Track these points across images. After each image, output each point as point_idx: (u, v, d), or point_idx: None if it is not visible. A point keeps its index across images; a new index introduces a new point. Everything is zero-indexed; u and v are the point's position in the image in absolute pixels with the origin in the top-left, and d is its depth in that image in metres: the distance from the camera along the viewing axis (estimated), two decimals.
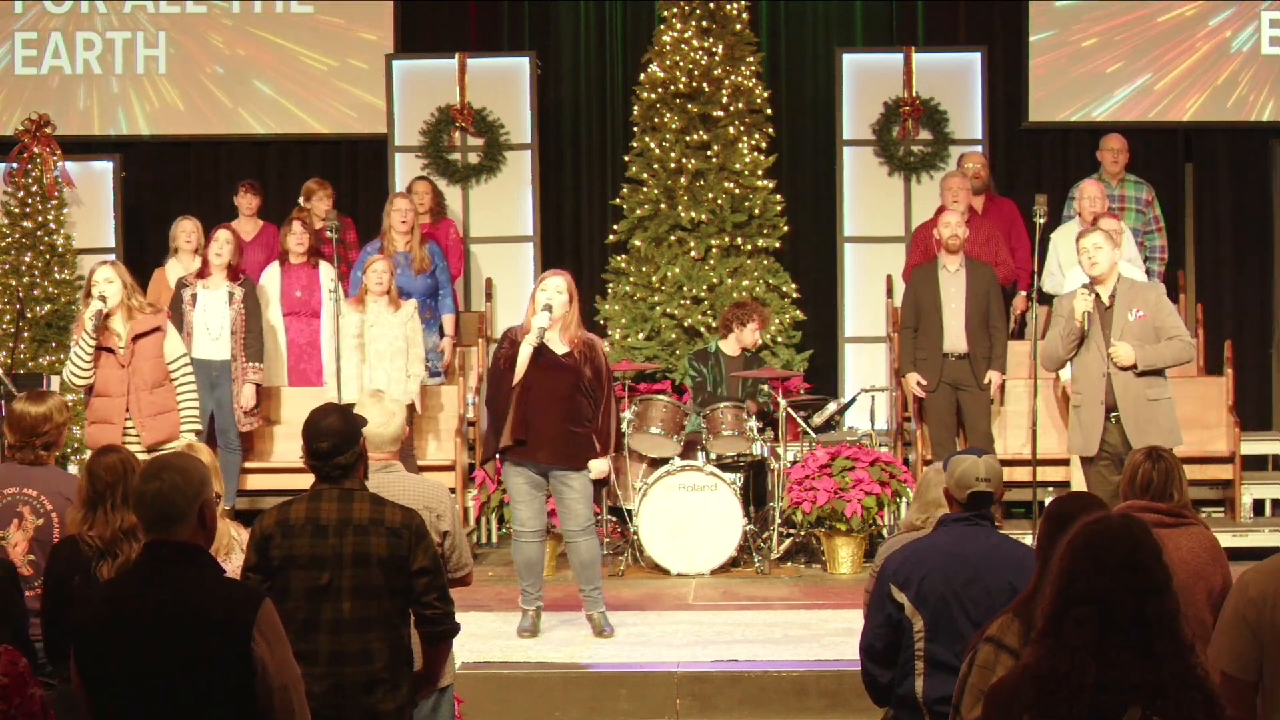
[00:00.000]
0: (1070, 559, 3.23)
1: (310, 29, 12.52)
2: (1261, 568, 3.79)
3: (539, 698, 7.16)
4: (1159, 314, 7.92)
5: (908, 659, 4.56)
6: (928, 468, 5.94)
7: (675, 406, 9.81)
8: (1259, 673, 3.68)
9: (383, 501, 4.67)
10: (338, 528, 4.57)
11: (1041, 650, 3.20)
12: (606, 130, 12.66)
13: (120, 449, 5.18)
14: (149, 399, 7.90)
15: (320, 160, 12.61)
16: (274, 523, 4.62)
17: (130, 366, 7.88)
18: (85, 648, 3.69)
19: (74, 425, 11.06)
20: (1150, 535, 3.25)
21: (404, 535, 4.59)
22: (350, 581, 4.54)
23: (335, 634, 4.51)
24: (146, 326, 7.95)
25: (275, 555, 4.58)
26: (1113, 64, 12.19)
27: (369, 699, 4.52)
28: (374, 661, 4.53)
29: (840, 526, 9.41)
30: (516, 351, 7.64)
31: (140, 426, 7.86)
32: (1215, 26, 12.14)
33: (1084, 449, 8.00)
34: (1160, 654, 3.14)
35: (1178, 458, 5.30)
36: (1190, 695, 3.13)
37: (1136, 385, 7.86)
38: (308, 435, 4.69)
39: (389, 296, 9.66)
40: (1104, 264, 7.90)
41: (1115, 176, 11.02)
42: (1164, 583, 3.20)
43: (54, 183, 11.56)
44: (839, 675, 7.02)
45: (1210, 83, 12.15)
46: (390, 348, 9.62)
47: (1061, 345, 7.96)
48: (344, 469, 4.67)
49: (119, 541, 4.90)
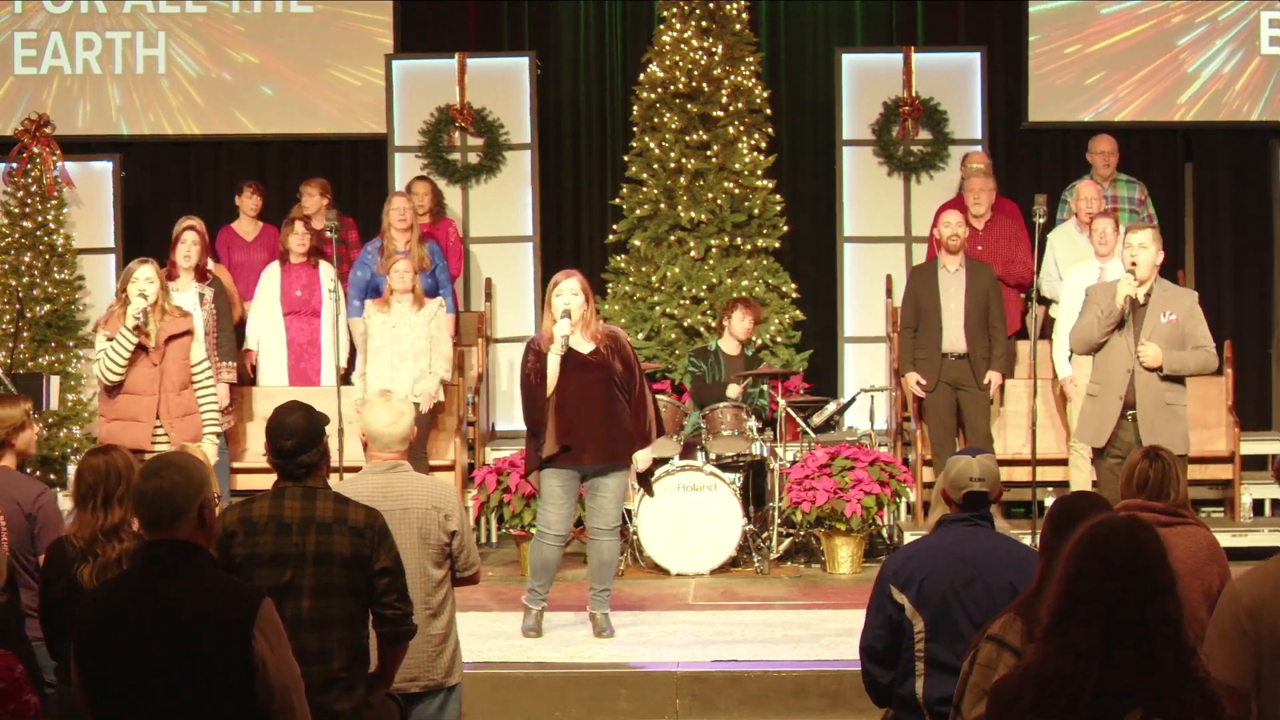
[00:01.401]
0: (1076, 559, 3.23)
1: (310, 29, 12.51)
2: (1252, 575, 3.78)
3: (539, 698, 7.16)
4: (1190, 321, 7.96)
5: (908, 660, 4.56)
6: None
7: (675, 406, 9.81)
8: (1255, 681, 3.67)
9: (346, 501, 4.66)
10: (301, 526, 4.57)
11: (1045, 650, 3.21)
12: (606, 130, 12.66)
13: (111, 450, 5.17)
14: (177, 400, 7.97)
15: (320, 160, 12.60)
16: (236, 520, 4.61)
17: (161, 367, 7.93)
18: (85, 647, 3.69)
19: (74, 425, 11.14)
20: (1156, 537, 3.26)
21: (367, 535, 4.58)
22: (311, 580, 4.54)
23: (294, 632, 4.49)
24: (178, 329, 8.04)
25: (238, 553, 4.57)
26: (1113, 64, 12.19)
27: (325, 698, 4.49)
28: (332, 661, 4.52)
29: (840, 526, 9.41)
30: (543, 363, 7.63)
31: (169, 427, 7.92)
32: (1215, 26, 12.13)
33: (1094, 439, 8.02)
34: (1162, 657, 3.14)
35: (1176, 457, 5.30)
36: (1191, 698, 3.13)
37: (1157, 387, 7.90)
38: (271, 433, 4.69)
39: (413, 295, 9.67)
40: (1146, 264, 7.92)
41: (1107, 178, 11.03)
42: (1168, 585, 3.20)
43: (54, 183, 11.55)
44: (839, 675, 7.02)
45: (1210, 83, 12.14)
46: (414, 347, 9.64)
47: (1099, 328, 7.95)
48: (307, 467, 4.67)
49: (98, 542, 4.90)
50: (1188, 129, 12.37)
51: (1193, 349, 7.93)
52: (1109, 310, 7.87)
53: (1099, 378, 8.05)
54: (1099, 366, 8.06)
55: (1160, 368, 7.86)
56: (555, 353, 7.59)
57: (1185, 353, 7.91)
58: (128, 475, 4.93)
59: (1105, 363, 8.00)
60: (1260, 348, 12.19)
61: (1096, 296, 8.05)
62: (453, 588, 5.37)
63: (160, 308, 7.97)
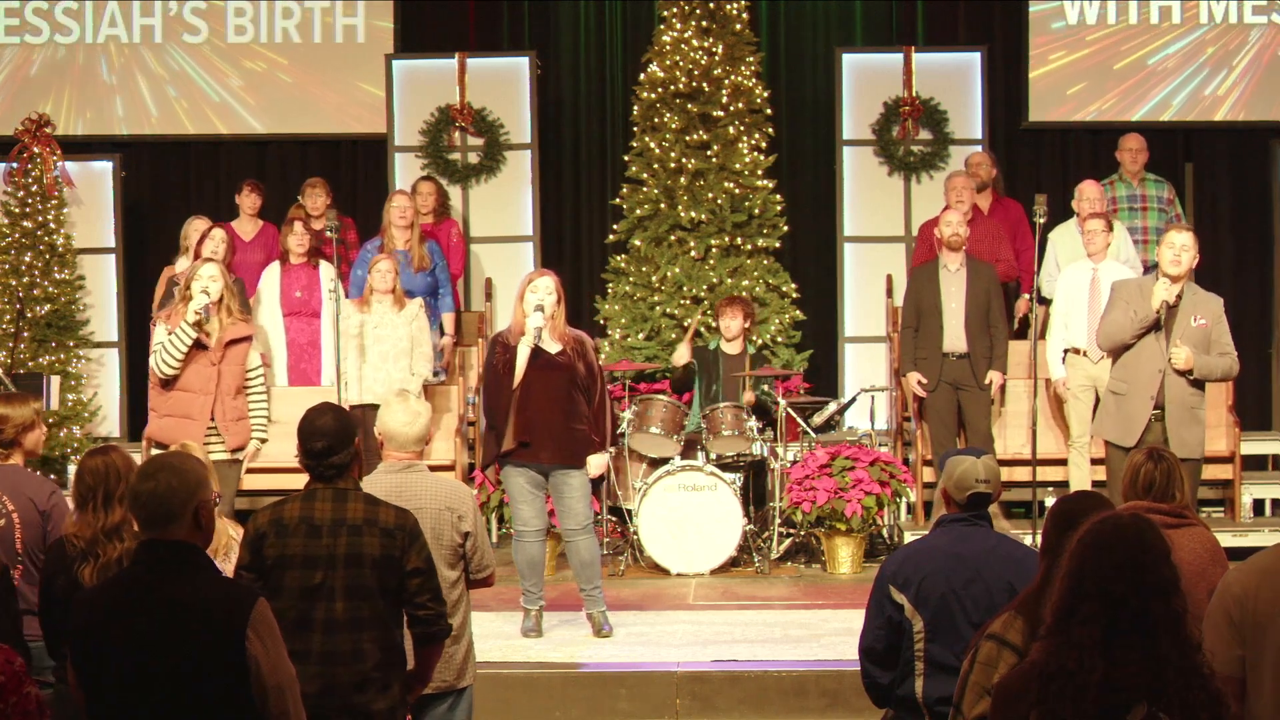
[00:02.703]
0: (1079, 557, 3.25)
1: (310, 28, 12.51)
2: (1243, 566, 3.83)
3: (539, 698, 7.15)
4: (1218, 327, 8.01)
5: (908, 660, 4.55)
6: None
7: (675, 406, 9.80)
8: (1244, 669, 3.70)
9: (377, 502, 4.66)
10: (332, 528, 4.56)
11: (1049, 647, 3.22)
12: (606, 130, 12.66)
13: (110, 450, 5.18)
14: (232, 404, 8.04)
15: (320, 160, 12.61)
16: (268, 521, 4.61)
17: (219, 368, 7.96)
18: (81, 647, 3.69)
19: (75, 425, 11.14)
20: (1160, 535, 3.27)
21: (398, 536, 4.58)
22: (343, 581, 4.53)
23: (327, 634, 4.50)
24: (240, 334, 8.11)
25: (269, 554, 4.57)
26: (1113, 64, 12.19)
27: (360, 698, 4.51)
28: (365, 661, 4.52)
29: (840, 526, 9.41)
30: (512, 356, 7.66)
31: (224, 430, 8.00)
32: (1215, 26, 12.13)
33: (1121, 438, 8.01)
34: (1166, 653, 3.16)
35: (1179, 459, 5.31)
36: (1195, 694, 3.15)
37: (1185, 391, 7.95)
38: (303, 435, 4.68)
39: (394, 295, 9.67)
40: (1186, 265, 7.94)
41: (1135, 176, 11.01)
42: (1172, 583, 3.22)
43: (54, 183, 11.56)
44: (839, 675, 7.02)
45: (1211, 83, 12.14)
46: (395, 348, 9.62)
47: (1130, 329, 7.95)
48: (339, 469, 4.66)
49: (99, 542, 4.91)
50: (1188, 129, 12.37)
51: (1218, 355, 7.97)
52: (1144, 314, 7.88)
53: (1125, 376, 8.05)
54: (1126, 365, 8.07)
55: (1190, 371, 7.88)
56: (527, 343, 7.62)
57: (1213, 358, 7.96)
58: (127, 475, 4.93)
59: (1135, 362, 8.01)
60: (1260, 348, 12.20)
61: (1126, 294, 8.03)
62: (468, 589, 5.37)
63: (225, 308, 8.01)
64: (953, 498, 4.72)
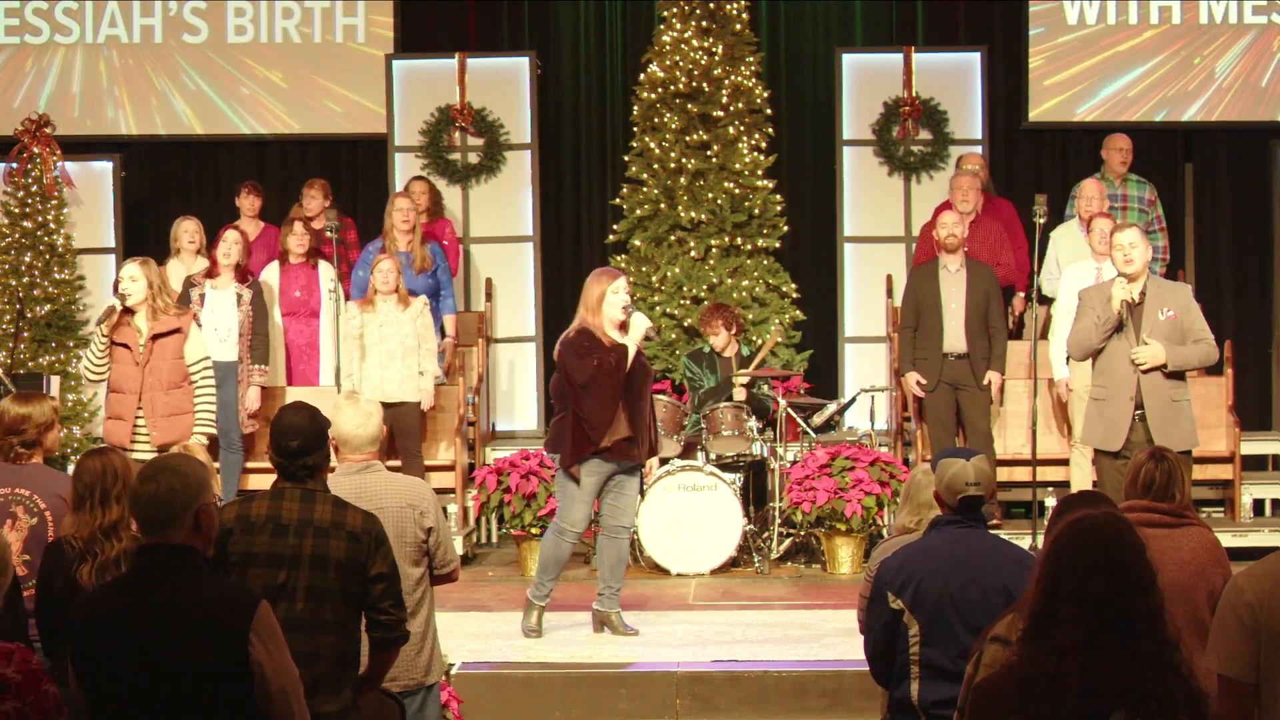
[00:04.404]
0: (1056, 559, 3.23)
1: (310, 29, 12.51)
2: (1254, 571, 3.78)
3: (539, 698, 7.15)
4: (1188, 315, 7.92)
5: (903, 663, 4.54)
6: (916, 469, 5.91)
7: (675, 406, 9.81)
8: (1257, 675, 3.68)
9: (344, 505, 4.63)
10: (298, 528, 4.54)
11: (1029, 651, 3.20)
12: (606, 130, 12.66)
13: (108, 451, 5.19)
14: (164, 399, 7.91)
15: (320, 160, 12.61)
16: (234, 518, 4.57)
17: (147, 365, 7.90)
18: (82, 650, 3.68)
19: (74, 426, 11.14)
20: (1134, 533, 3.25)
21: (364, 540, 4.55)
22: (306, 583, 4.51)
23: (286, 633, 4.49)
24: (167, 327, 7.98)
25: (234, 551, 4.54)
26: (1113, 64, 12.18)
27: (311, 700, 4.47)
28: (320, 664, 4.48)
29: (840, 526, 9.41)
30: (620, 354, 7.64)
31: (152, 426, 7.88)
32: (1215, 27, 12.13)
33: (1107, 443, 7.95)
34: (1146, 652, 3.14)
35: (1180, 458, 5.29)
36: (1174, 695, 3.13)
37: (1163, 385, 7.86)
38: (276, 433, 4.66)
39: (397, 295, 9.69)
40: (1139, 262, 7.89)
41: (1119, 176, 11.01)
42: (1149, 580, 3.20)
43: (54, 183, 11.55)
44: (839, 675, 7.03)
45: (1210, 83, 12.14)
46: (401, 346, 9.65)
47: (1096, 334, 7.91)
48: (310, 469, 4.64)
49: (97, 541, 4.91)
50: (1188, 129, 12.37)
51: (1193, 343, 7.89)
52: (1105, 317, 7.85)
53: (1103, 381, 7.99)
54: (1102, 370, 8.01)
55: (1164, 365, 7.83)
56: (634, 342, 7.67)
57: (1187, 348, 7.87)
58: (124, 474, 4.94)
59: (1110, 366, 7.94)
60: (1260, 348, 12.19)
61: (1091, 301, 8.02)
62: (431, 586, 5.37)
63: (151, 305, 7.94)
64: (945, 501, 4.70)
